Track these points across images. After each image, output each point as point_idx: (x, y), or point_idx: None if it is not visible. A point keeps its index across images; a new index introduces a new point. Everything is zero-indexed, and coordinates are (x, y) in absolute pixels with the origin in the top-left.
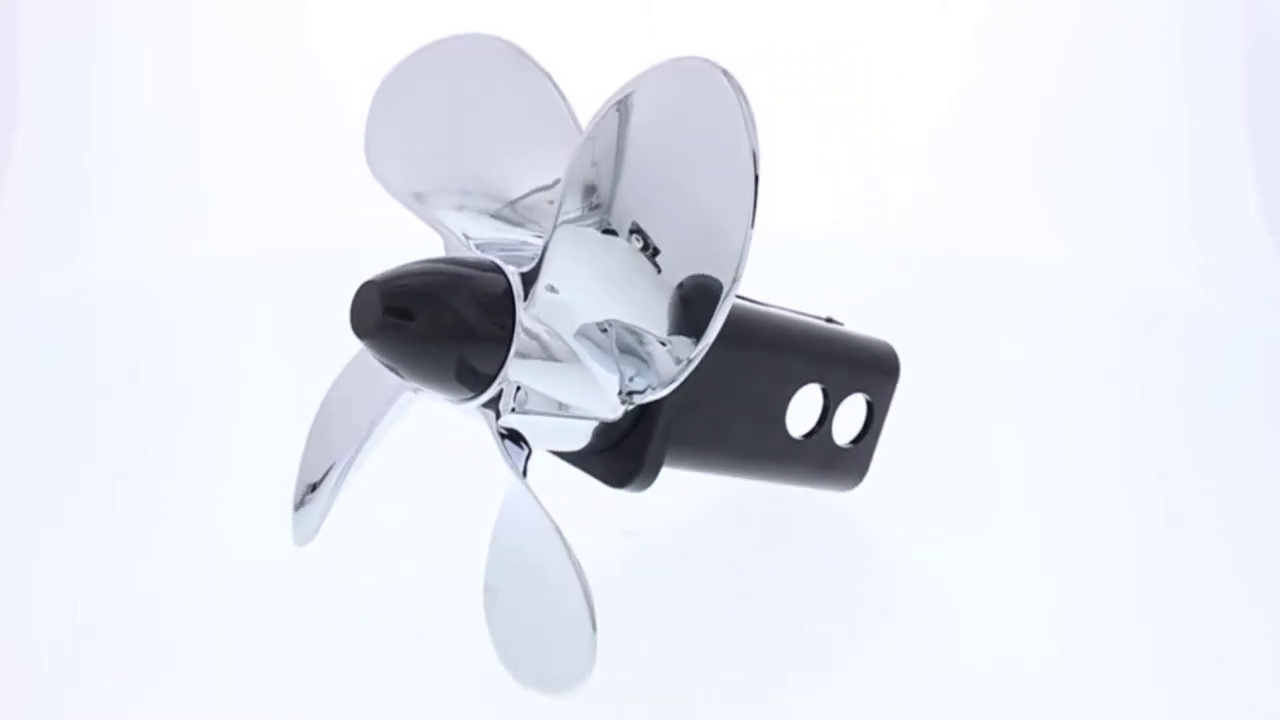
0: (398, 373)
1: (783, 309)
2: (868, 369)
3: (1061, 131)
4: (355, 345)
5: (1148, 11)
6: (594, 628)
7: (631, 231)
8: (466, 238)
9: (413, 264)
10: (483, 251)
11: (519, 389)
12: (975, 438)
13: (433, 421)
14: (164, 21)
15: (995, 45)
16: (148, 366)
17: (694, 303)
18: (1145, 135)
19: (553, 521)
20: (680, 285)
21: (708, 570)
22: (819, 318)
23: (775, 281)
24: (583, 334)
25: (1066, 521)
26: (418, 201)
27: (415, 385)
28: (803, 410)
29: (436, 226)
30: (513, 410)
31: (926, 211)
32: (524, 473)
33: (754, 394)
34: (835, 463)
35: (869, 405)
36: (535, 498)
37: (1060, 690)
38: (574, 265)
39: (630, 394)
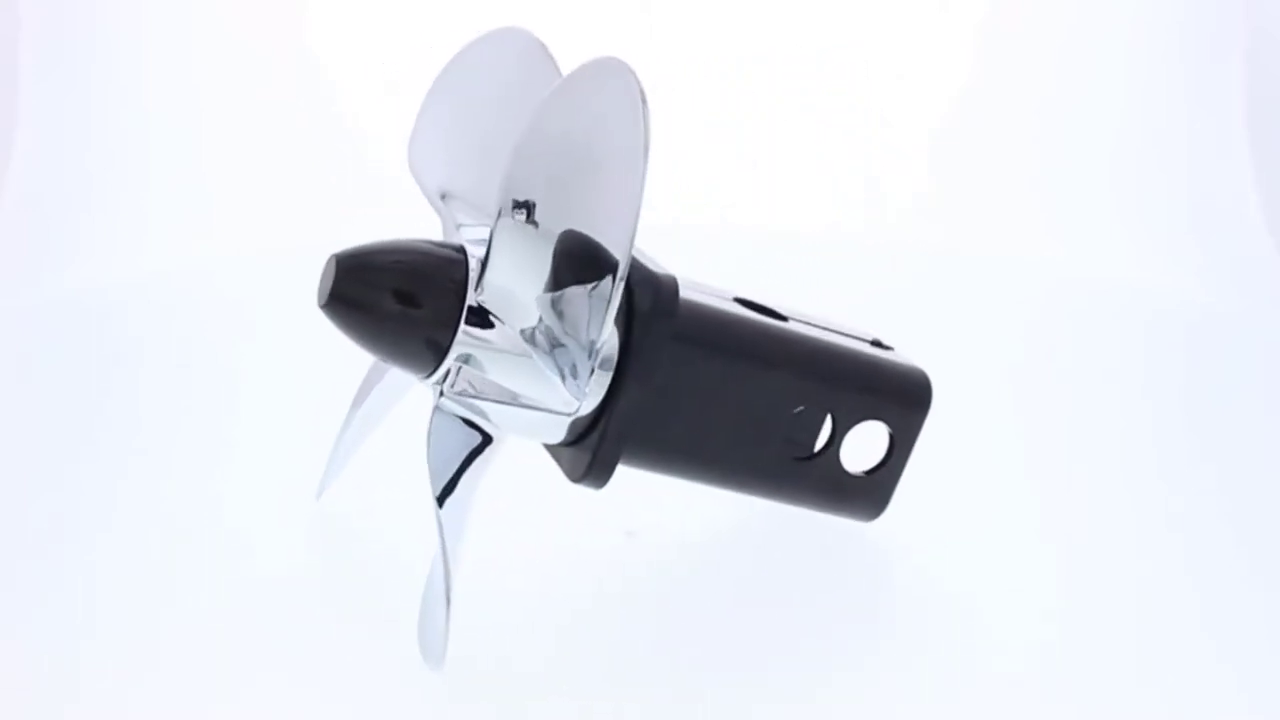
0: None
1: (810, 323)
2: (886, 397)
3: (1061, 131)
4: (353, 346)
5: (1148, 11)
6: (446, 633)
7: (538, 223)
8: (459, 226)
9: (380, 242)
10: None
11: (464, 373)
12: (975, 438)
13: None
14: (164, 21)
15: (995, 45)
16: (148, 366)
17: (596, 295)
18: (1145, 135)
19: (443, 541)
20: (585, 278)
21: (708, 572)
22: (863, 339)
23: (776, 282)
24: (524, 326)
25: (1067, 521)
26: (442, 201)
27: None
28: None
29: (448, 224)
30: (457, 392)
31: (926, 211)
32: (467, 458)
33: (741, 407)
34: (844, 491)
35: (891, 436)
36: (438, 515)
37: (1058, 691)
38: (512, 258)
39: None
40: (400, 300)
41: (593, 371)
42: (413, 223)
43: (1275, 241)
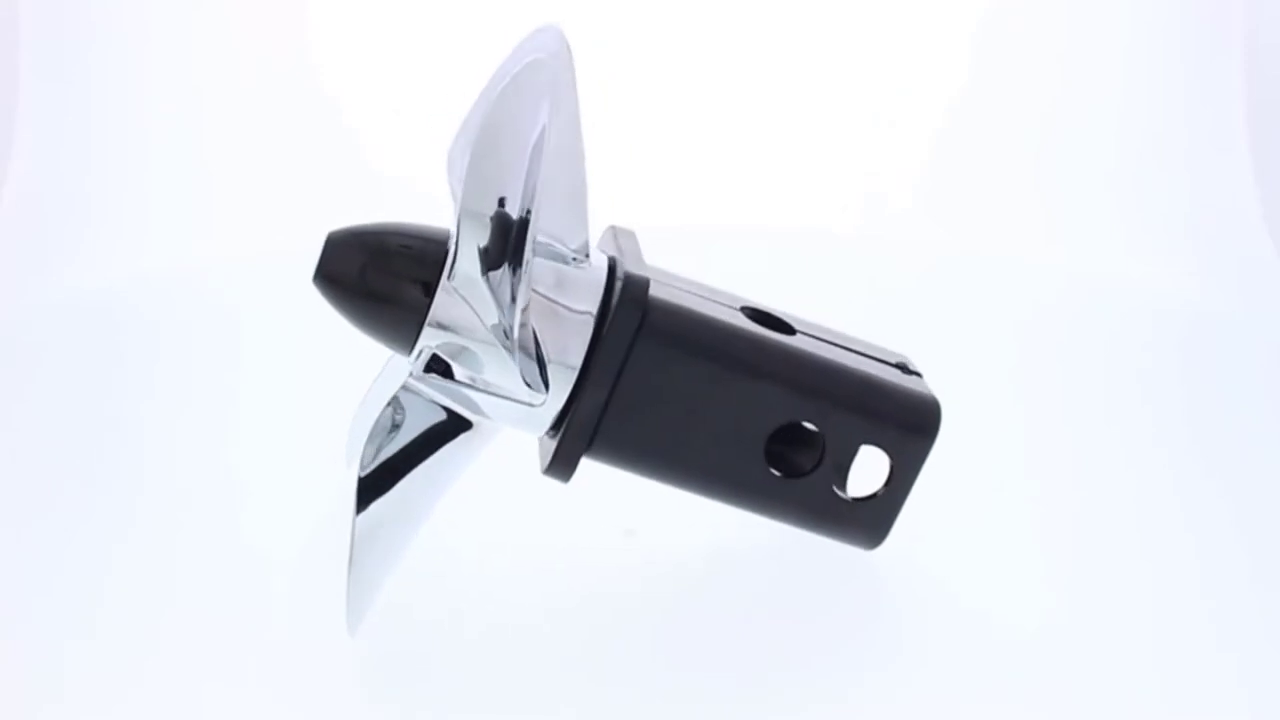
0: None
1: (823, 338)
2: (884, 421)
3: (1061, 132)
4: (353, 346)
5: (1147, 11)
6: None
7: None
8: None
9: (373, 223)
10: None
11: (437, 356)
12: (975, 439)
13: None
14: (164, 23)
15: (994, 45)
16: (148, 367)
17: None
18: (1145, 135)
19: (353, 524)
20: (501, 261)
21: (707, 573)
22: (886, 361)
23: (776, 282)
24: (492, 317)
25: (1069, 521)
26: None
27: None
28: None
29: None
30: (428, 374)
31: (926, 211)
32: (425, 437)
33: (720, 416)
34: (834, 515)
35: (891, 464)
36: (354, 496)
37: (1063, 695)
38: (478, 248)
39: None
40: (375, 278)
41: (532, 361)
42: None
43: (1275, 242)
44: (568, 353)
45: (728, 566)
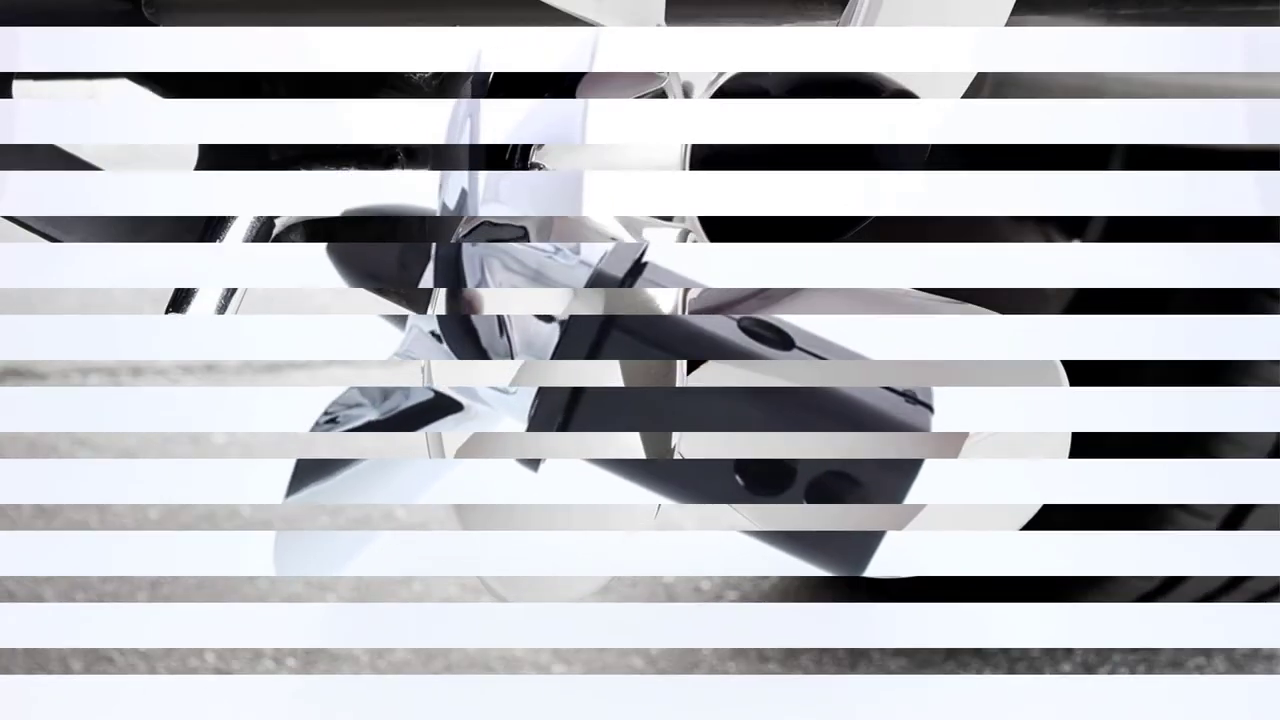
0: None
1: (822, 354)
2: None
3: (1061, 132)
4: (353, 346)
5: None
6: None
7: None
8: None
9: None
10: None
11: (420, 337)
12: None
13: None
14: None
15: (994, 44)
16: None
17: None
18: (1145, 135)
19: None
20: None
21: (704, 573)
22: (894, 389)
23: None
24: None
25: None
26: None
27: None
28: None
29: None
30: (409, 355)
31: (926, 211)
32: (409, 413)
33: (690, 422)
34: (805, 539)
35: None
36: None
37: (1064, 695)
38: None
39: None
40: (367, 260)
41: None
42: None
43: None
44: (538, 343)
45: (726, 567)
